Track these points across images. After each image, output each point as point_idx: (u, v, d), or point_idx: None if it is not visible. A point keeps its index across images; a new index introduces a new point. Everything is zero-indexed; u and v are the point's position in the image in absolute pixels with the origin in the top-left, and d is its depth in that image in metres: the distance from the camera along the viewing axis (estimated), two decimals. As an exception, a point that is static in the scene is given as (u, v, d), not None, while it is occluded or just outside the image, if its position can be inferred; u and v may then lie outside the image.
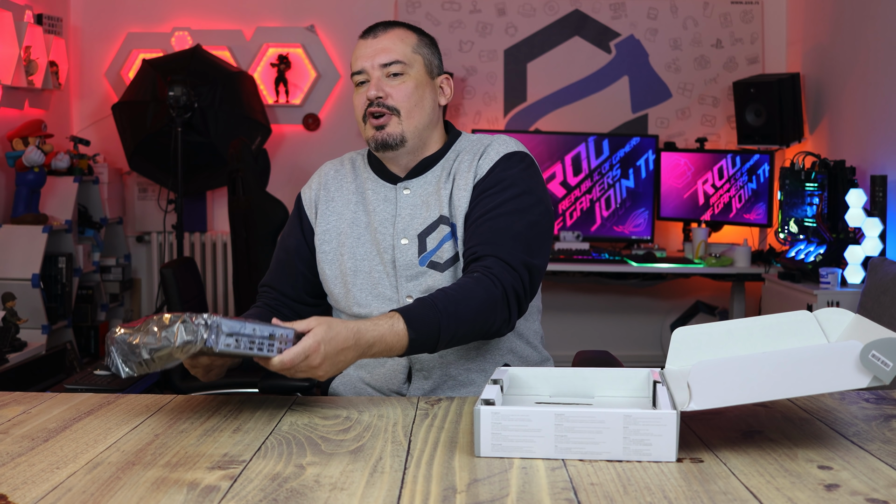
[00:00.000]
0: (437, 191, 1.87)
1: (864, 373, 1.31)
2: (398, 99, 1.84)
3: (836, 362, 1.31)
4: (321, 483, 1.23)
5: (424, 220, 1.85)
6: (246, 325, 1.43)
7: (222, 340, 1.40)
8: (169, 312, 1.47)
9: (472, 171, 1.85)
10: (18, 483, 1.24)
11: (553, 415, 1.31)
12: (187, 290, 3.58)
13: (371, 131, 1.86)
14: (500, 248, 1.73)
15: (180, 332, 1.40)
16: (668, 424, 1.30)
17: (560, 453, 1.31)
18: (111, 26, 5.18)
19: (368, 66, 1.85)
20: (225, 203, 5.01)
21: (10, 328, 3.87)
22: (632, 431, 1.30)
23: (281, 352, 1.46)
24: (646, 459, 1.30)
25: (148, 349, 1.43)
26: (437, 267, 1.83)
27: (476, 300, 1.65)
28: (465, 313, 1.64)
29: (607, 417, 1.30)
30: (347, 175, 1.97)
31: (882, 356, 1.30)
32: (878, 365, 1.30)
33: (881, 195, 3.83)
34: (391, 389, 1.87)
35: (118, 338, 1.46)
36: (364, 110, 1.86)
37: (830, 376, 1.31)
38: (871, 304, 3.44)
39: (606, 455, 1.31)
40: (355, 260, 1.88)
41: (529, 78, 5.18)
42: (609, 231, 4.94)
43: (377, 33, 1.88)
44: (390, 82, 1.85)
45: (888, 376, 1.30)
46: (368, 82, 1.86)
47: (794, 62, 5.01)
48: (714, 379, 1.32)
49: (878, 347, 1.30)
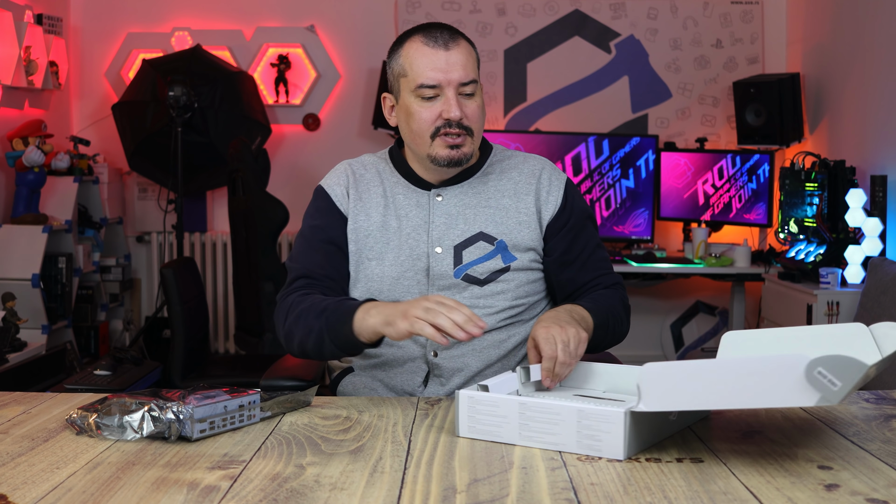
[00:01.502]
0: (475, 205, 1.87)
1: (810, 390, 1.18)
2: (472, 119, 1.82)
3: (782, 376, 1.20)
4: (321, 483, 1.23)
5: (462, 233, 1.85)
6: (217, 406, 1.44)
7: (197, 428, 1.41)
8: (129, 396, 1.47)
9: (531, 196, 1.88)
10: (18, 483, 1.24)
11: (517, 403, 1.38)
12: (187, 290, 3.58)
13: (445, 150, 1.81)
14: (611, 275, 1.95)
15: (147, 423, 1.42)
16: (617, 423, 1.31)
17: (524, 440, 1.38)
18: (111, 26, 5.18)
19: (444, 80, 1.79)
20: (225, 203, 5.01)
21: (10, 328, 3.87)
22: (584, 426, 1.33)
23: (251, 418, 1.50)
24: (596, 455, 1.33)
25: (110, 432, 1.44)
26: (475, 281, 1.83)
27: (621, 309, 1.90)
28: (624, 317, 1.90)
29: (563, 410, 1.35)
30: (373, 177, 1.92)
31: (829, 374, 1.17)
32: (825, 383, 1.17)
33: (881, 195, 3.83)
34: (405, 391, 1.86)
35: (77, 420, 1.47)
36: (434, 127, 1.80)
37: (777, 390, 1.20)
38: (871, 304, 3.44)
39: (562, 447, 1.35)
40: (383, 265, 1.85)
41: (529, 78, 5.18)
42: (609, 231, 4.94)
43: (448, 45, 1.81)
44: (465, 101, 1.80)
45: (835, 397, 1.17)
46: (439, 97, 1.80)
47: (794, 62, 5.01)
48: (662, 382, 1.30)
49: (825, 364, 1.17)
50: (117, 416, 1.42)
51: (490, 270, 1.84)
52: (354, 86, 5.20)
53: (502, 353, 1.86)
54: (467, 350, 1.83)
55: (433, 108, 1.80)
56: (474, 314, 1.54)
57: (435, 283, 1.84)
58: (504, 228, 1.86)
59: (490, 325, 1.83)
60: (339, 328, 1.68)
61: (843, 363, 1.16)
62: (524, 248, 1.87)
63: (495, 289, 1.84)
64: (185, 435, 1.40)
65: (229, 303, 5.15)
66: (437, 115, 1.80)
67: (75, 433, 1.46)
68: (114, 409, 1.43)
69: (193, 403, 1.41)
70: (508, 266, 1.85)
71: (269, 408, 1.54)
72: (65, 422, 1.51)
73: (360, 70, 5.18)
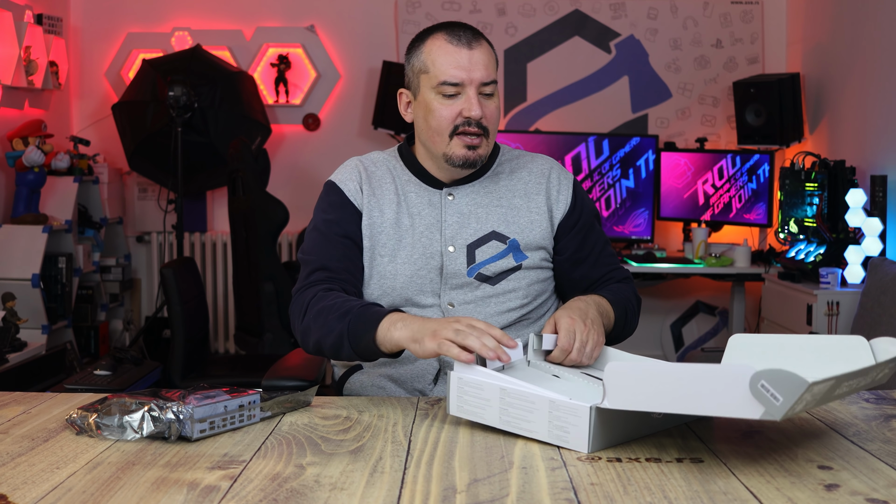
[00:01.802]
0: (486, 204, 1.88)
1: (754, 403, 1.15)
2: (490, 120, 1.82)
3: (728, 385, 1.18)
4: (321, 483, 1.23)
5: (475, 232, 1.86)
6: (217, 406, 1.44)
7: (197, 428, 1.41)
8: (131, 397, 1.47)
9: (542, 195, 1.90)
10: (18, 483, 1.24)
11: (498, 388, 1.42)
12: (187, 290, 3.58)
13: (462, 150, 1.81)
14: (621, 269, 1.99)
15: (147, 423, 1.41)
16: (583, 416, 1.33)
17: (503, 425, 1.42)
18: (111, 26, 5.18)
19: (466, 79, 1.79)
20: (225, 203, 5.01)
21: (10, 328, 3.87)
22: (555, 417, 1.36)
23: (251, 418, 1.49)
24: (565, 446, 1.35)
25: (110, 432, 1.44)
26: (487, 280, 1.84)
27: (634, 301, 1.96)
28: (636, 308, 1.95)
29: (537, 399, 1.38)
30: (385, 174, 1.92)
31: (771, 388, 1.13)
32: (767, 397, 1.14)
33: (881, 195, 3.83)
34: (415, 388, 1.86)
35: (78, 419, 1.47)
36: (454, 125, 1.81)
37: (724, 400, 1.19)
38: (871, 304, 3.44)
39: (536, 434, 1.38)
40: (395, 262, 1.85)
41: (529, 78, 5.18)
42: (609, 231, 4.94)
43: (471, 44, 1.81)
44: (485, 101, 1.81)
45: (778, 412, 1.14)
46: (460, 95, 1.80)
47: (794, 62, 5.01)
48: (625, 380, 1.30)
49: (767, 378, 1.14)
50: (117, 416, 1.43)
51: (501, 269, 1.85)
52: (354, 86, 5.20)
53: None
54: None
55: (454, 106, 1.80)
56: (505, 335, 1.52)
57: (448, 281, 1.85)
58: (516, 227, 1.87)
59: (500, 323, 1.84)
60: (362, 335, 1.65)
61: (785, 378, 1.13)
62: (535, 246, 1.88)
63: (507, 287, 1.85)
64: (185, 435, 1.40)
65: (229, 303, 5.15)
66: (458, 113, 1.80)
67: (75, 433, 1.46)
68: (114, 409, 1.43)
69: (193, 403, 1.41)
70: (520, 265, 1.86)
71: (269, 408, 1.54)
72: (65, 422, 1.51)
73: (360, 70, 5.18)
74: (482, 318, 1.81)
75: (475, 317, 1.82)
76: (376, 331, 1.63)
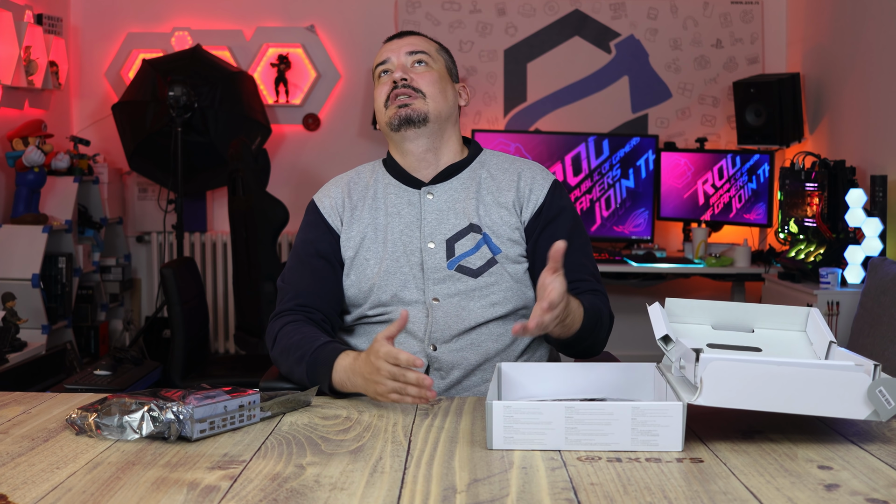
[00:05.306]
0: (464, 199, 1.91)
1: (866, 405, 1.35)
2: (423, 83, 1.90)
3: (844, 389, 1.35)
4: (321, 483, 1.23)
5: (454, 227, 1.89)
6: (217, 406, 1.44)
7: (197, 428, 1.41)
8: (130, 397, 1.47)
9: (512, 192, 1.91)
10: (18, 483, 1.24)
11: (563, 408, 1.36)
12: (187, 290, 3.58)
13: (394, 110, 1.89)
14: (593, 282, 1.90)
15: (146, 424, 1.41)
16: (675, 416, 1.34)
17: (570, 445, 1.36)
18: (111, 26, 5.18)
19: (394, 56, 1.93)
20: (225, 203, 5.01)
21: (10, 328, 3.87)
22: (639, 423, 1.35)
23: (251, 418, 1.50)
24: (653, 450, 1.34)
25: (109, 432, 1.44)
26: (469, 273, 1.86)
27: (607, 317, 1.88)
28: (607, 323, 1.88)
29: (616, 410, 1.36)
30: (367, 183, 1.97)
31: (888, 394, 1.34)
32: (882, 401, 1.34)
33: (881, 195, 3.83)
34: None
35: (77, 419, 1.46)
36: (387, 95, 1.90)
37: (835, 401, 1.35)
38: (871, 304, 3.44)
39: (615, 446, 1.35)
40: (380, 262, 1.88)
41: (529, 78, 5.18)
42: (609, 231, 4.94)
43: (404, 36, 1.97)
44: (416, 69, 1.92)
45: (887, 414, 1.35)
46: (392, 72, 1.92)
47: (794, 62, 5.01)
48: (727, 379, 1.35)
49: (886, 385, 1.34)
50: (117, 416, 1.43)
51: (480, 262, 1.87)
52: (354, 86, 5.20)
53: (500, 346, 1.87)
54: (466, 344, 1.85)
55: (386, 81, 1.92)
56: (421, 376, 1.53)
57: (430, 276, 1.87)
58: (487, 220, 1.89)
59: (487, 317, 1.86)
60: (321, 381, 1.72)
61: None
62: (506, 238, 1.89)
63: (488, 280, 1.86)
64: (185, 435, 1.40)
65: (229, 303, 5.15)
66: (389, 84, 1.91)
67: (75, 433, 1.46)
68: (114, 409, 1.43)
69: (193, 403, 1.41)
70: (495, 257, 1.87)
71: (269, 408, 1.55)
72: (65, 422, 1.51)
73: (360, 70, 5.18)
74: (468, 314, 1.83)
75: (461, 313, 1.84)
76: (331, 380, 1.71)
